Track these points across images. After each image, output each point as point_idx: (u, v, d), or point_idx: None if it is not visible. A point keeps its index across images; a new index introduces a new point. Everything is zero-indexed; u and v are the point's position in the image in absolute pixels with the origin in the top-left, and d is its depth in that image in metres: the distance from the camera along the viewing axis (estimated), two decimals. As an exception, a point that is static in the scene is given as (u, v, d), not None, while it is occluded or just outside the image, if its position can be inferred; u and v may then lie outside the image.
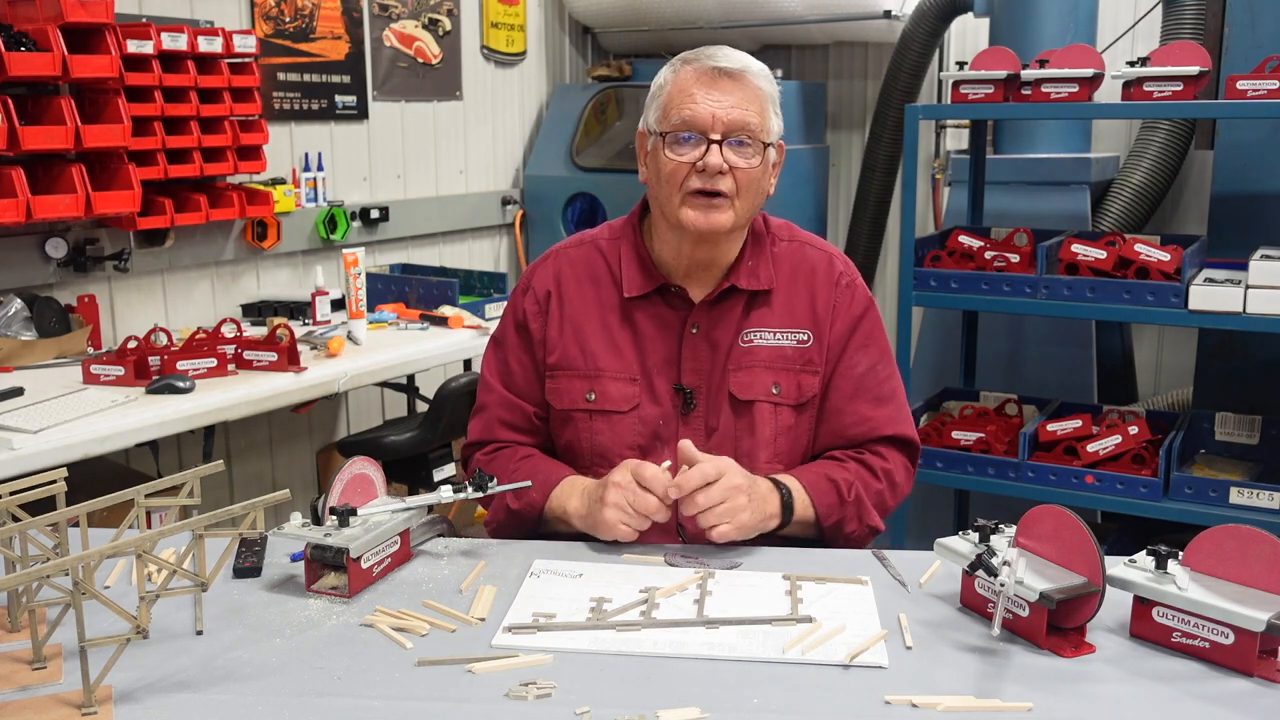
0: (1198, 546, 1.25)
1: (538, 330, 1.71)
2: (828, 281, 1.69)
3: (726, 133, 1.56)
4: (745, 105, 1.56)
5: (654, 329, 1.67)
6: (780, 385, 1.66)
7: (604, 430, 1.66)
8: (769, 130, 1.60)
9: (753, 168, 1.58)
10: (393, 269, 3.78)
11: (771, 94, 1.61)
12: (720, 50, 1.60)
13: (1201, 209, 3.65)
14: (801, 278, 1.69)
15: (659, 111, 1.61)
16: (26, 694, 1.14)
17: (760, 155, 1.58)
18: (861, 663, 1.20)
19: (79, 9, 2.66)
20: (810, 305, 1.68)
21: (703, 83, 1.57)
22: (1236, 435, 2.89)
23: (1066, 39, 3.31)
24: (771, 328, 1.67)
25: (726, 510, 1.47)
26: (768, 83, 1.61)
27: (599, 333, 1.68)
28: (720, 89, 1.56)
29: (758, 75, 1.59)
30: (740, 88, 1.57)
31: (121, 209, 2.83)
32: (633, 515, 1.49)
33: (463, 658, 1.20)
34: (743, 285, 1.66)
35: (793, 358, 1.67)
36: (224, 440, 3.41)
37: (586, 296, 1.70)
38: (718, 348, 1.66)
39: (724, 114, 1.55)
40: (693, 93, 1.56)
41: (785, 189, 4.13)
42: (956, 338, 3.39)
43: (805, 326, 1.67)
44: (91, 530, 1.31)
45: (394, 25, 3.92)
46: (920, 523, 3.44)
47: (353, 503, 1.46)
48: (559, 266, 1.73)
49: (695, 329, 1.66)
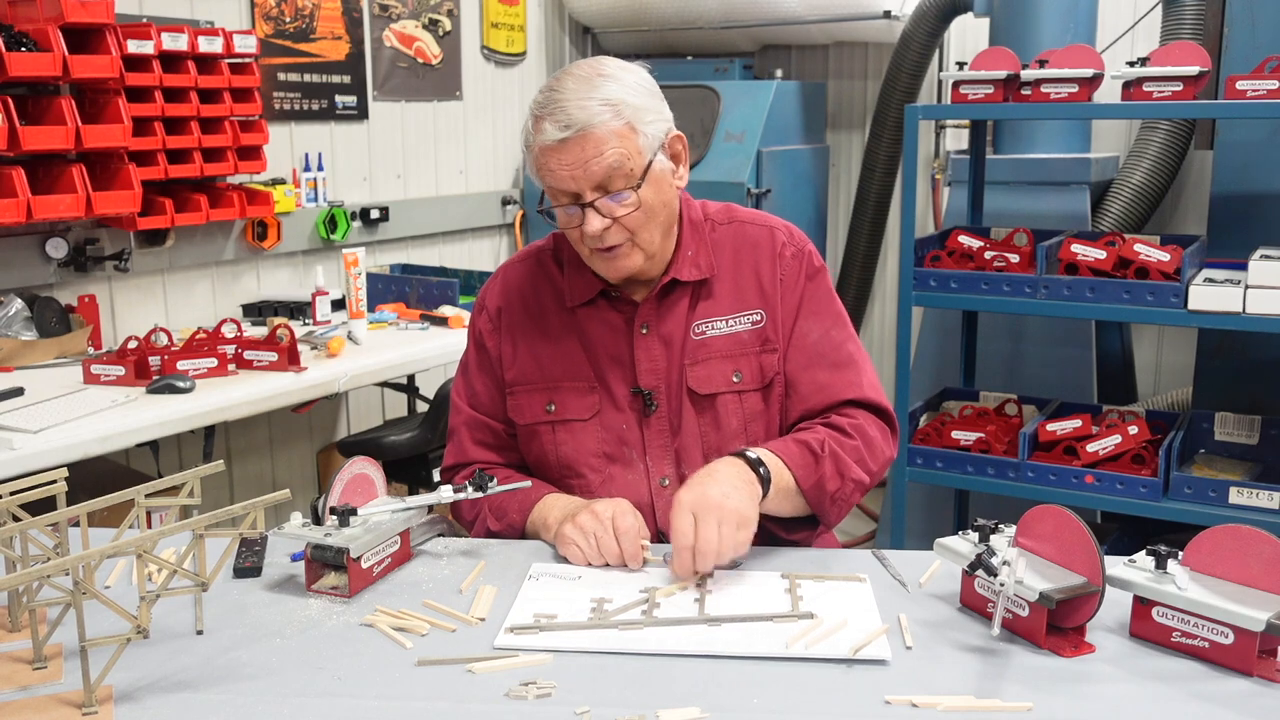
0: (1197, 546, 1.25)
1: (494, 348, 1.70)
2: (771, 255, 1.66)
3: (596, 189, 1.51)
4: (600, 154, 1.48)
5: (604, 334, 1.65)
6: (741, 372, 1.63)
7: (567, 440, 1.64)
8: (641, 153, 1.51)
9: (636, 208, 1.53)
10: (393, 269, 3.78)
11: (633, 106, 1.50)
12: (558, 105, 1.49)
13: (1201, 209, 3.65)
14: (745, 257, 1.66)
15: (532, 171, 1.56)
16: (26, 694, 1.14)
17: (637, 189, 1.52)
18: (864, 657, 1.20)
19: (79, 9, 2.66)
20: (757, 283, 1.65)
21: (551, 152, 1.50)
22: (1236, 435, 2.89)
23: (1066, 39, 3.30)
24: (722, 315, 1.64)
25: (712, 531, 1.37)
26: (619, 108, 1.49)
27: (551, 344, 1.66)
28: (569, 154, 1.49)
29: (602, 114, 1.48)
30: (587, 141, 1.48)
31: (122, 209, 2.83)
32: (591, 545, 1.46)
33: (463, 658, 1.20)
34: (684, 277, 1.63)
35: (749, 341, 1.64)
36: (224, 440, 3.41)
37: (534, 309, 1.68)
38: (671, 344, 1.63)
39: (584, 175, 1.49)
40: (548, 164, 1.51)
41: (785, 189, 4.17)
42: (956, 338, 3.39)
43: (756, 306, 1.64)
44: (91, 530, 1.31)
45: (394, 25, 3.92)
46: (920, 523, 3.45)
47: (353, 503, 1.46)
48: (507, 282, 1.72)
49: (645, 329, 1.64)
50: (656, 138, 1.54)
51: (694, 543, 1.37)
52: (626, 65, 1.57)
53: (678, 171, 1.60)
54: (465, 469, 1.72)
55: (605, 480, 1.64)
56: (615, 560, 1.46)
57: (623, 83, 1.52)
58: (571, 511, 1.52)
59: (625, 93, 1.51)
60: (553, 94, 1.51)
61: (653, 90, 1.57)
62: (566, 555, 1.49)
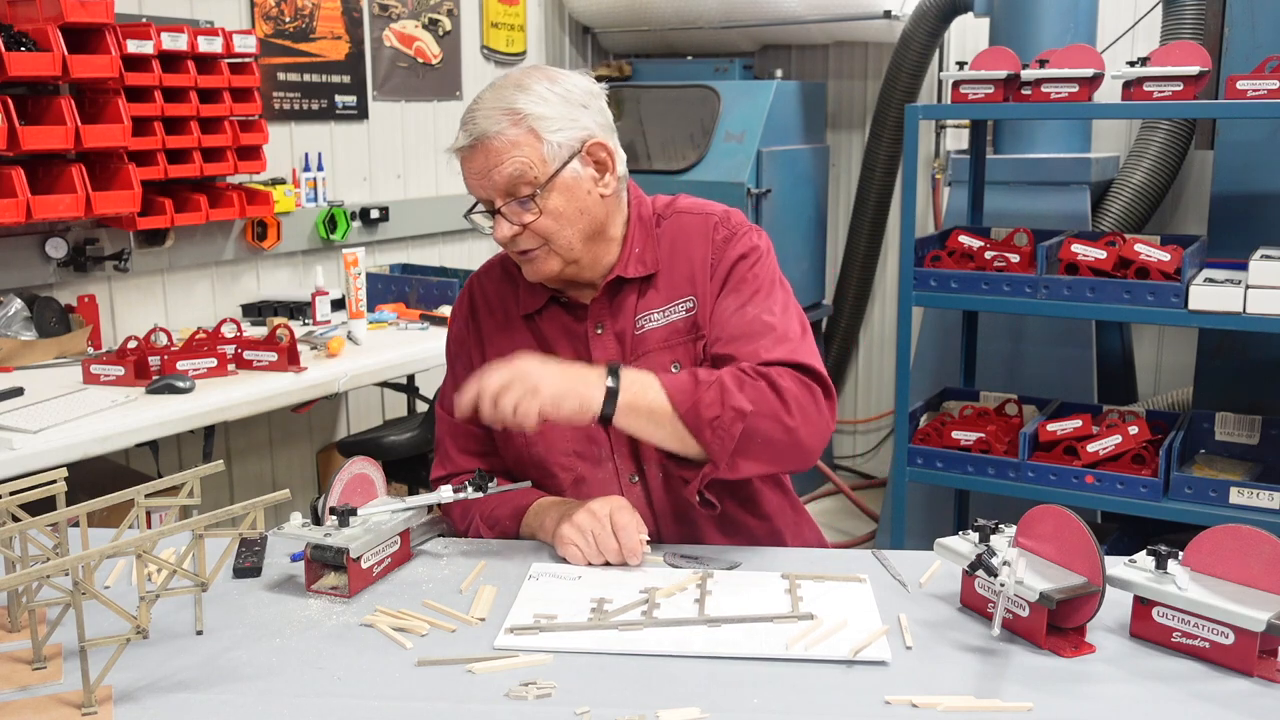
0: (1198, 546, 1.25)
1: (465, 356, 1.72)
2: (703, 240, 1.64)
3: (504, 195, 1.53)
4: (502, 163, 1.50)
5: (562, 337, 1.66)
6: (680, 361, 1.62)
7: (538, 441, 1.65)
8: (545, 161, 1.51)
9: (542, 215, 1.53)
10: (393, 269, 3.78)
11: (539, 116, 1.51)
12: (470, 112, 1.53)
13: (1201, 209, 3.65)
14: (681, 247, 1.65)
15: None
16: (26, 694, 1.14)
17: (545, 198, 1.52)
18: (864, 658, 1.20)
19: (79, 9, 2.66)
20: (690, 270, 1.64)
21: (462, 160, 1.54)
22: (1236, 435, 2.89)
23: (1066, 39, 3.30)
24: (658, 307, 1.63)
25: (517, 391, 1.41)
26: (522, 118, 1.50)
27: (516, 350, 1.65)
28: (475, 161, 1.52)
29: (500, 123, 1.50)
30: (489, 150, 1.50)
31: (121, 209, 2.83)
32: (589, 544, 1.47)
33: (463, 658, 1.21)
34: (629, 274, 1.63)
35: (684, 329, 1.63)
36: (224, 440, 3.41)
37: (499, 316, 1.71)
38: (624, 341, 1.64)
39: (489, 182, 1.52)
40: (462, 170, 1.55)
41: (785, 189, 4.17)
42: (956, 338, 3.39)
43: (688, 293, 1.63)
44: (91, 530, 1.31)
45: (394, 25, 3.92)
46: (920, 523, 3.45)
47: (353, 503, 1.46)
48: (474, 291, 1.75)
49: (600, 328, 1.64)
50: (567, 145, 1.53)
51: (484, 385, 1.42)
52: (558, 74, 1.57)
53: (602, 179, 1.58)
54: (454, 479, 1.70)
55: (576, 479, 1.65)
56: (614, 558, 1.46)
57: (534, 93, 1.52)
58: (568, 512, 1.52)
59: (533, 103, 1.51)
60: (474, 102, 1.55)
61: (575, 99, 1.55)
62: (565, 556, 1.49)
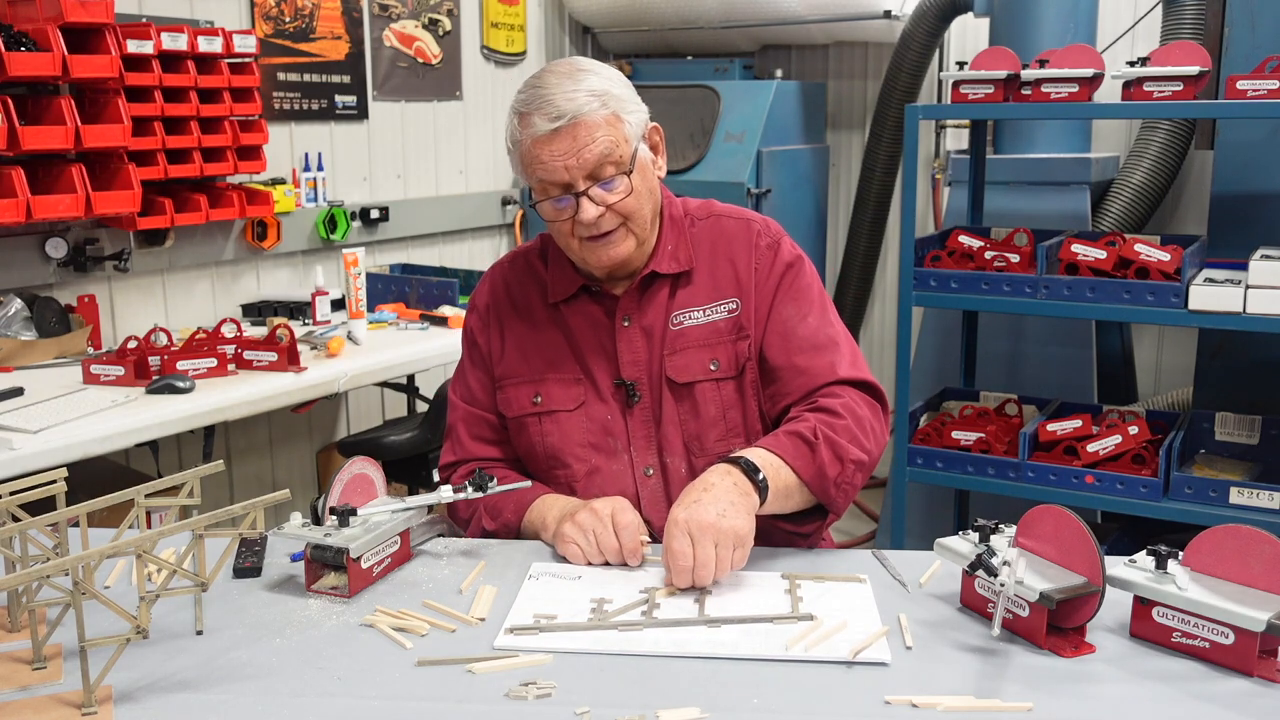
0: (1198, 546, 1.25)
1: (484, 344, 1.74)
2: (746, 245, 1.69)
3: (588, 178, 1.54)
4: (592, 142, 1.52)
5: (587, 327, 1.68)
6: (718, 360, 1.65)
7: (553, 431, 1.67)
8: (628, 141, 1.56)
9: (628, 194, 1.57)
10: (393, 269, 3.78)
11: (616, 97, 1.56)
12: (544, 99, 1.53)
13: (1201, 209, 3.64)
14: (721, 249, 1.69)
15: (520, 169, 1.60)
16: (26, 694, 1.14)
17: (628, 176, 1.56)
18: (864, 659, 1.20)
19: (79, 9, 2.66)
20: (733, 272, 1.68)
21: (542, 144, 1.53)
22: (1236, 435, 2.89)
23: (1066, 39, 3.30)
24: (699, 305, 1.66)
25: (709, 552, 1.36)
26: (604, 99, 1.54)
27: (538, 340, 1.70)
28: (561, 143, 1.52)
29: (590, 104, 1.53)
30: (579, 130, 1.52)
31: (121, 209, 2.83)
32: (590, 543, 1.47)
33: (463, 658, 1.20)
34: (663, 270, 1.66)
35: (726, 329, 1.66)
36: (224, 440, 3.41)
37: (522, 307, 1.72)
38: (651, 336, 1.66)
39: (576, 163, 1.53)
40: (539, 155, 1.54)
41: (785, 189, 4.17)
42: (956, 338, 3.39)
43: (732, 295, 1.67)
44: (91, 530, 1.31)
45: (394, 25, 3.92)
46: (920, 523, 3.45)
47: (353, 503, 1.46)
48: (496, 281, 1.77)
49: (627, 321, 1.67)
50: (638, 127, 1.60)
51: (692, 564, 1.36)
52: (599, 63, 1.62)
53: (657, 161, 1.66)
54: (464, 465, 1.74)
55: (591, 471, 1.66)
56: (615, 557, 1.46)
57: (603, 75, 1.58)
58: (570, 510, 1.53)
59: (608, 84, 1.57)
60: (537, 90, 1.55)
61: (628, 84, 1.63)
62: (566, 554, 1.49)
